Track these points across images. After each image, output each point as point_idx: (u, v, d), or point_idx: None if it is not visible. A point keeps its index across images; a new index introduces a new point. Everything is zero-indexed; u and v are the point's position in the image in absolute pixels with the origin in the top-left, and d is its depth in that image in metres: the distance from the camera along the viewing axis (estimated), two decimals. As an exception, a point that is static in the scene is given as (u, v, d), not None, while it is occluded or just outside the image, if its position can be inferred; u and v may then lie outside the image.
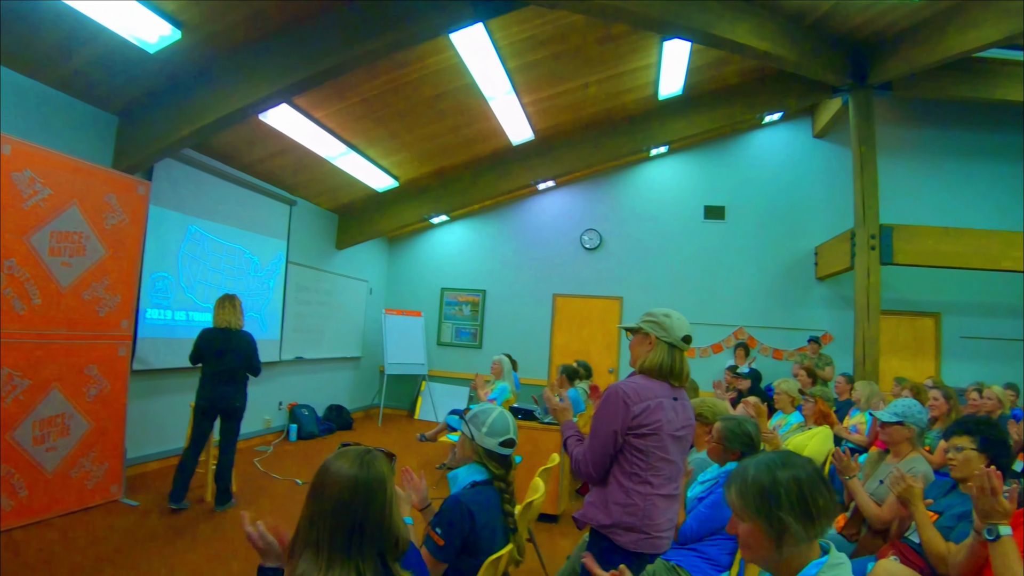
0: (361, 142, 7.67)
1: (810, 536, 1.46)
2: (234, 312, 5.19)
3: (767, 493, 1.48)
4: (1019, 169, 10.00)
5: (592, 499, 2.47)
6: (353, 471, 1.53)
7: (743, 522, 1.53)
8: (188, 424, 5.26)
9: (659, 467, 2.44)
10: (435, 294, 11.19)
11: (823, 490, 1.49)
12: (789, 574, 1.49)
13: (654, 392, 2.44)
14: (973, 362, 9.48)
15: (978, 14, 6.48)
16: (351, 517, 1.50)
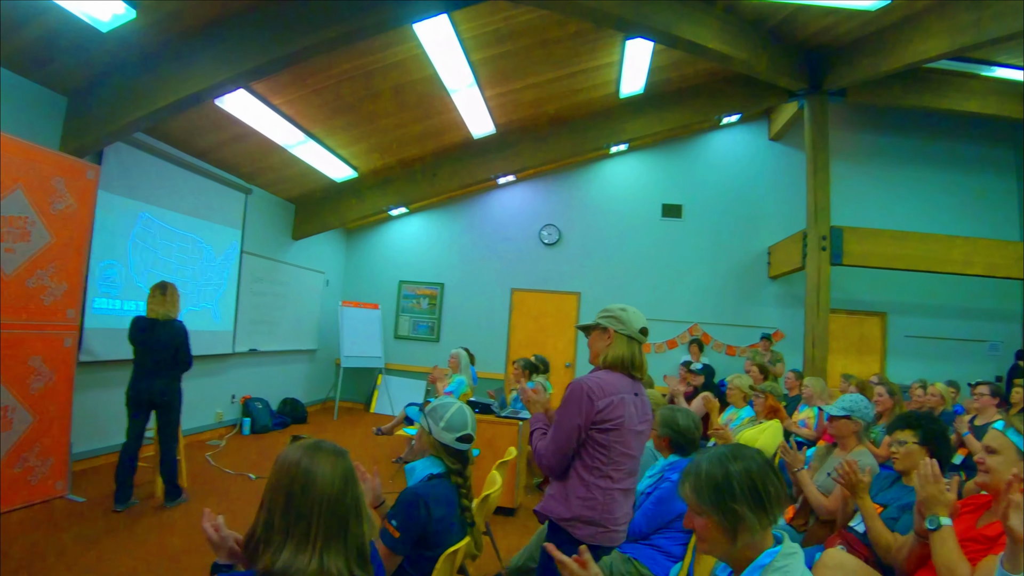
0: (320, 131, 7.55)
1: (763, 525, 1.50)
2: (164, 302, 4.94)
3: (720, 487, 1.52)
4: (963, 176, 10.49)
5: (553, 493, 2.49)
6: (338, 464, 1.55)
7: (699, 516, 1.56)
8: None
9: (620, 462, 2.47)
10: (393, 287, 11.10)
11: (773, 478, 1.54)
12: (745, 563, 1.53)
13: (617, 387, 2.46)
14: (917, 360, 9.87)
15: (929, 26, 6.72)
16: (344, 506, 1.51)
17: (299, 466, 1.51)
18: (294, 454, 1.54)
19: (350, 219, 9.93)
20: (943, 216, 10.10)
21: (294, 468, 1.51)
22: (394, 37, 5.94)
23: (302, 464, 1.52)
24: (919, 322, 10.21)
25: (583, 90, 8.27)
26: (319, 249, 10.30)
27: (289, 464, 1.52)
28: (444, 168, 9.31)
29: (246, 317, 8.32)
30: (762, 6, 6.87)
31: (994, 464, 2.22)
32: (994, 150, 10.63)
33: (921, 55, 6.92)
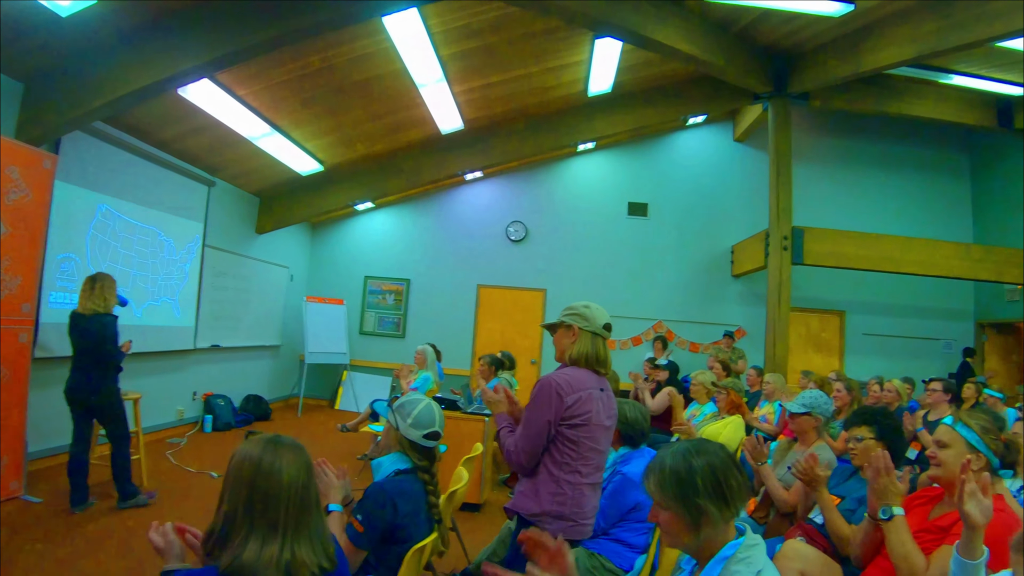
0: (286, 123, 7.44)
1: (726, 518, 1.54)
2: (91, 295, 4.67)
3: (684, 481, 1.55)
4: (920, 180, 10.85)
5: (523, 489, 2.50)
6: (299, 457, 1.57)
7: (663, 511, 1.59)
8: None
9: (588, 456, 2.50)
10: (358, 282, 11.00)
11: (735, 473, 1.57)
12: (709, 555, 1.57)
13: (584, 383, 2.49)
14: (874, 357, 10.19)
15: (890, 34, 6.94)
16: (308, 498, 1.53)
17: (262, 460, 1.51)
18: (254, 448, 1.54)
19: (315, 213, 9.83)
20: (900, 218, 10.47)
21: (256, 462, 1.51)
22: (363, 30, 5.89)
23: (265, 458, 1.52)
24: (876, 320, 10.54)
25: (552, 88, 8.30)
26: (283, 243, 10.15)
27: (250, 458, 1.52)
28: (411, 163, 9.25)
29: (208, 312, 8.16)
30: (729, 9, 6.97)
31: (945, 458, 2.31)
32: (949, 155, 11.04)
33: (882, 62, 7.13)
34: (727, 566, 1.52)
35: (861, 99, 8.99)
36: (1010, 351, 10.80)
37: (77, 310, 4.70)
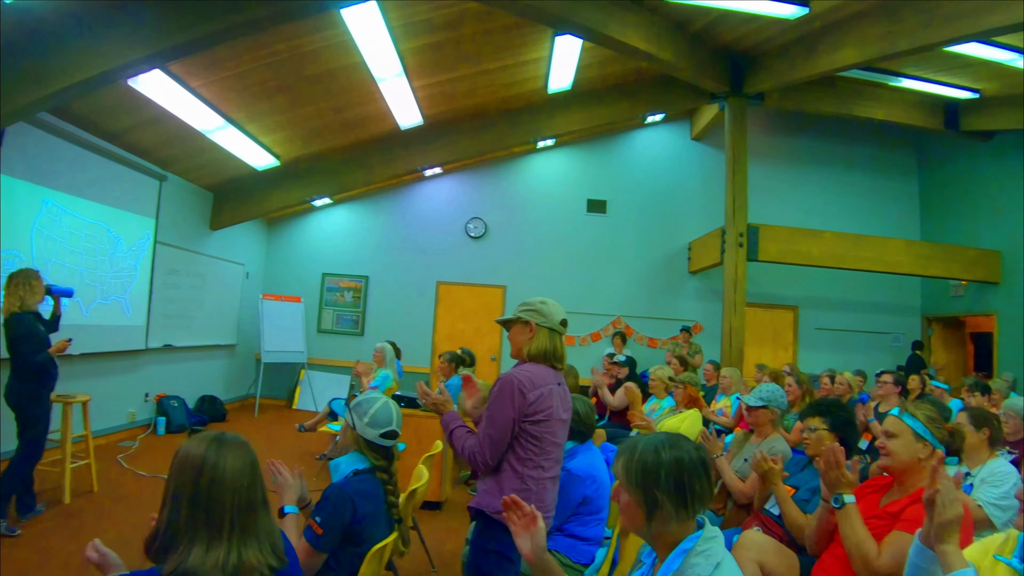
0: (241, 116, 7.27)
1: (680, 518, 1.55)
2: (6, 295, 4.45)
3: (648, 470, 1.56)
4: (871, 179, 11.20)
5: (486, 487, 2.49)
6: (245, 455, 1.52)
7: (624, 492, 1.61)
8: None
9: (550, 451, 2.51)
10: (316, 279, 10.84)
11: (702, 477, 1.57)
12: (668, 546, 1.58)
13: (545, 379, 2.50)
14: (826, 351, 10.49)
15: (843, 38, 7.14)
16: (254, 498, 1.49)
17: (205, 460, 1.47)
18: (197, 448, 1.49)
19: (271, 209, 9.64)
20: (851, 216, 10.79)
21: (199, 462, 1.46)
22: (321, 22, 5.80)
23: (208, 458, 1.47)
24: (828, 315, 10.86)
25: (511, 84, 8.30)
26: (239, 240, 9.93)
27: (193, 458, 1.47)
28: (370, 159, 9.15)
29: (160, 311, 7.95)
30: (687, 9, 7.06)
31: (894, 447, 2.39)
32: (898, 155, 11.44)
33: (835, 64, 7.34)
34: (687, 559, 1.53)
35: (815, 100, 9.22)
36: (955, 344, 11.20)
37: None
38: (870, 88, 9.22)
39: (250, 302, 10.15)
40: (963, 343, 11.31)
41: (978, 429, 3.22)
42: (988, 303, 9.94)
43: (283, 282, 10.79)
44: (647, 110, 9.73)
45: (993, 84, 8.47)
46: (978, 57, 7.25)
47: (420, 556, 4.08)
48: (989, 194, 10.08)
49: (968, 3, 5.94)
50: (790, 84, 8.21)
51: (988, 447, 3.23)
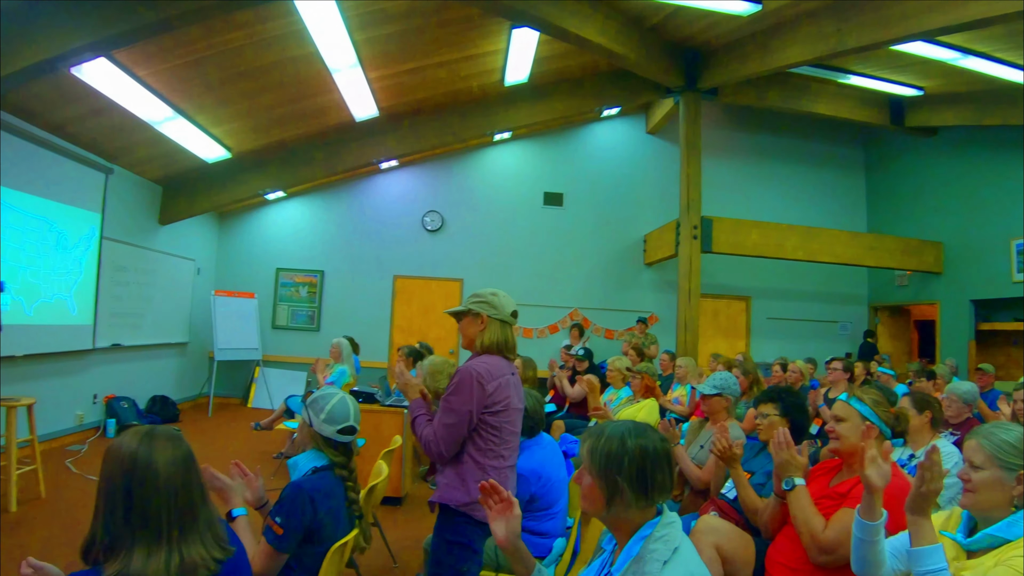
0: (190, 107, 7.08)
1: (639, 506, 1.58)
2: None
3: (612, 457, 1.59)
4: (820, 173, 11.55)
5: (447, 480, 2.48)
6: (177, 449, 1.47)
7: (586, 475, 1.63)
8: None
9: (509, 441, 2.54)
10: (270, 274, 10.63)
11: (664, 468, 1.61)
12: (627, 533, 1.61)
13: (501, 370, 2.52)
14: (778, 340, 10.78)
15: (794, 35, 7.32)
16: (191, 492, 1.45)
17: (137, 458, 1.41)
18: (128, 445, 1.43)
19: (223, 203, 9.41)
20: (801, 209, 11.12)
21: (131, 461, 1.41)
22: (274, 10, 5.67)
23: (140, 455, 1.41)
24: (780, 305, 11.17)
25: (468, 76, 8.27)
26: (189, 235, 9.68)
27: (125, 457, 1.41)
28: (324, 151, 9.02)
29: (108, 309, 7.70)
30: (643, 5, 7.14)
31: (842, 431, 2.53)
32: (846, 150, 11.82)
33: (786, 61, 7.52)
34: (646, 544, 1.56)
35: (766, 96, 9.44)
36: (900, 332, 11.61)
37: None
38: (820, 85, 9.47)
39: (202, 299, 9.91)
40: (908, 330, 11.74)
41: (920, 412, 3.35)
42: (931, 292, 10.34)
43: (236, 278, 10.56)
44: (603, 104, 9.81)
45: (936, 82, 8.78)
46: (922, 56, 7.48)
47: (382, 552, 4.06)
48: (932, 187, 10.48)
49: (913, 4, 6.14)
50: (743, 80, 8.38)
51: (930, 429, 3.36)
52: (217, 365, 9.60)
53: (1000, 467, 1.74)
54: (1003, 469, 1.74)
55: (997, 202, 9.25)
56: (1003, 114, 8.43)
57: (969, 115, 8.96)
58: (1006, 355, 9.28)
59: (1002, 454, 1.76)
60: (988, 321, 9.59)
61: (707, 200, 8.97)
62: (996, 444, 1.78)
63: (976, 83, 8.26)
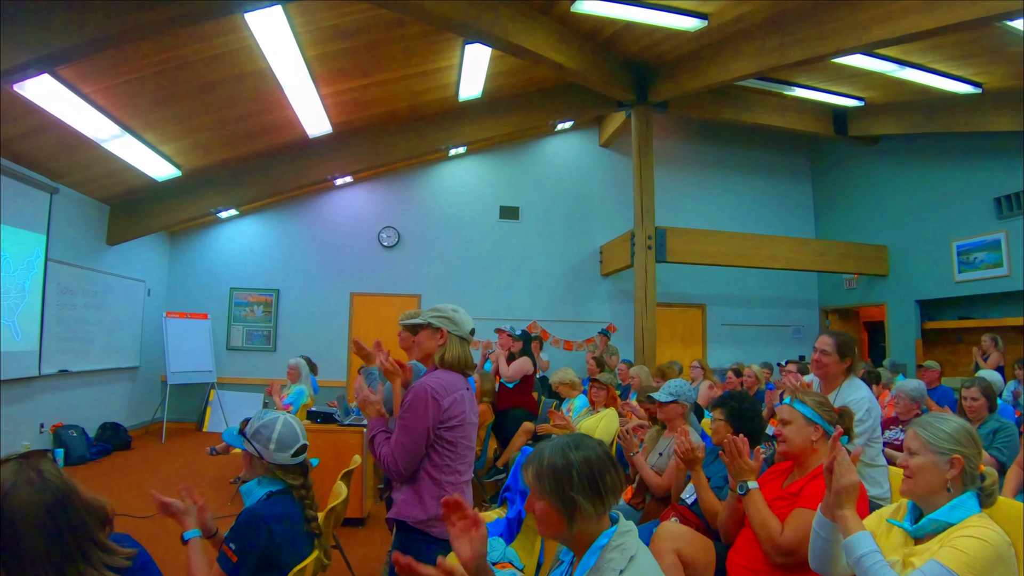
0: (138, 124, 6.93)
1: (598, 512, 1.60)
2: None
3: (560, 474, 1.59)
4: (769, 182, 11.90)
5: (404, 497, 2.45)
6: (41, 495, 1.39)
7: (539, 501, 1.62)
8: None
9: (465, 456, 2.53)
10: (223, 294, 10.42)
11: (611, 469, 1.63)
12: (584, 546, 1.62)
13: (456, 385, 2.52)
14: (733, 345, 11.00)
15: (739, 49, 7.54)
16: (61, 543, 1.37)
17: (6, 497, 1.34)
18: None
19: (173, 222, 9.22)
20: (752, 217, 11.42)
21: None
22: (224, 26, 5.61)
23: (10, 493, 1.35)
24: (734, 311, 11.42)
25: (422, 92, 8.27)
26: (139, 255, 9.44)
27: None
28: (277, 168, 8.90)
29: (54, 334, 7.45)
30: (594, 20, 7.25)
31: (789, 433, 2.59)
32: (793, 159, 12.20)
33: (732, 74, 7.74)
34: (602, 555, 1.57)
35: (715, 108, 9.68)
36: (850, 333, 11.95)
37: None
38: (766, 97, 9.76)
39: (153, 321, 9.66)
40: (858, 332, 12.09)
41: (842, 359, 3.39)
42: (879, 294, 10.71)
43: (188, 298, 10.31)
44: (556, 118, 9.92)
45: (877, 92, 9.12)
46: (862, 68, 7.79)
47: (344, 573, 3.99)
48: (876, 193, 10.86)
49: (853, 19, 6.39)
50: (692, 93, 8.57)
51: (845, 374, 3.38)
52: (170, 389, 9.36)
53: (934, 452, 1.86)
54: (937, 454, 1.85)
55: (938, 206, 9.68)
56: (940, 122, 8.85)
57: (908, 124, 9.35)
58: (951, 352, 9.63)
59: (936, 440, 1.87)
60: (933, 320, 9.94)
61: (660, 211, 9.12)
62: (931, 432, 1.89)
63: (914, 93, 8.62)
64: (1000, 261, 8.66)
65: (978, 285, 9.00)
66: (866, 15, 6.25)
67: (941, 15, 5.68)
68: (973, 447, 1.87)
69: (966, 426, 1.92)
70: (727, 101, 9.66)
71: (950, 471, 1.83)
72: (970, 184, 9.19)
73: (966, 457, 1.84)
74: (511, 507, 4.11)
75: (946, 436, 1.87)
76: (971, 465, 1.85)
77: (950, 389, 6.31)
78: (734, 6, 6.90)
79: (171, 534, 2.32)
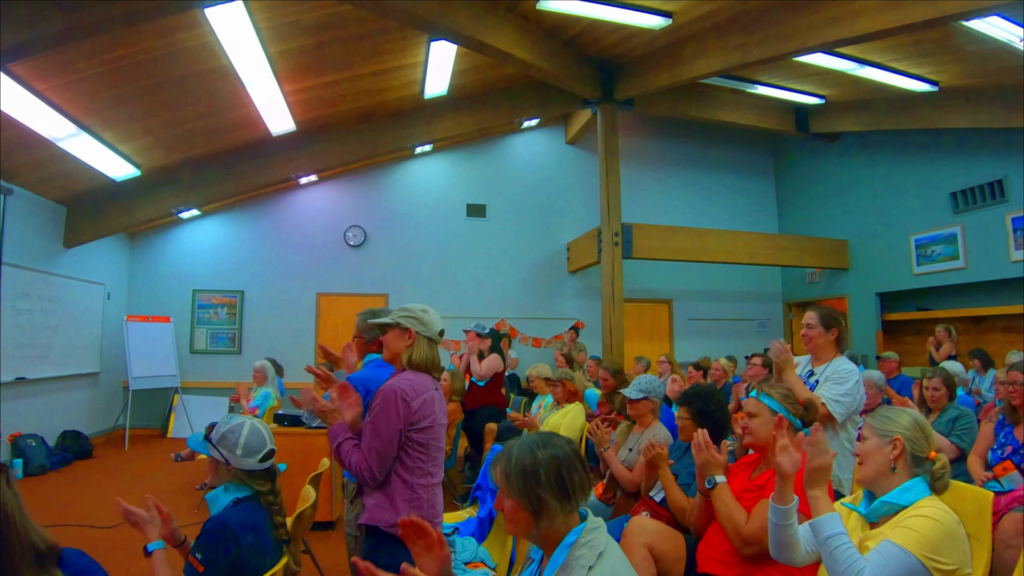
0: (95, 122, 6.75)
1: (566, 511, 1.60)
2: None
3: (528, 473, 1.60)
4: (733, 178, 12.10)
5: (376, 502, 2.42)
6: None
7: (507, 499, 1.63)
8: None
9: (436, 457, 2.51)
10: (186, 297, 10.22)
11: (579, 467, 1.64)
12: (553, 543, 1.63)
13: (424, 386, 2.48)
14: (699, 340, 11.18)
15: (703, 48, 7.64)
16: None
17: None
18: None
19: (133, 223, 9.00)
20: (717, 213, 11.62)
21: None
22: (184, 20, 5.48)
23: None
24: (700, 306, 11.61)
25: (387, 89, 8.21)
26: (97, 258, 9.19)
27: None
28: (240, 167, 8.75)
29: (10, 340, 7.20)
30: (560, 18, 7.27)
31: (755, 426, 2.65)
32: (757, 156, 12.44)
33: (696, 72, 7.83)
34: (571, 552, 1.58)
35: (679, 106, 9.79)
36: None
37: None
38: (730, 95, 9.89)
39: (113, 325, 9.43)
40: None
41: (827, 330, 3.47)
42: (840, 287, 10.97)
43: (150, 301, 10.08)
44: (523, 115, 9.93)
45: (837, 90, 9.31)
46: (823, 67, 7.93)
47: (315, 577, 3.94)
48: (837, 189, 11.11)
49: (813, 18, 6.51)
50: (657, 90, 8.65)
51: (835, 348, 3.44)
52: (132, 395, 9.14)
53: (878, 435, 2.00)
54: (881, 436, 2.00)
55: (896, 201, 9.94)
56: (898, 119, 9.08)
57: (868, 121, 9.58)
58: (909, 342, 9.89)
59: (881, 425, 2.02)
60: (893, 312, 10.19)
61: (627, 207, 9.20)
62: (877, 419, 2.04)
63: (873, 91, 8.81)
64: (956, 254, 8.92)
65: (935, 277, 9.26)
66: (826, 15, 6.38)
67: (899, 15, 5.82)
68: (917, 431, 1.98)
69: (912, 415, 2.04)
70: (692, 99, 9.77)
71: (892, 452, 1.95)
72: (927, 179, 9.45)
73: (908, 439, 1.95)
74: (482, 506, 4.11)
75: (890, 421, 2.01)
76: (916, 447, 1.96)
77: (909, 379, 6.49)
78: (698, 5, 6.98)
79: (136, 545, 2.27)
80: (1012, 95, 7.52)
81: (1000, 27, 6.03)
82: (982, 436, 3.86)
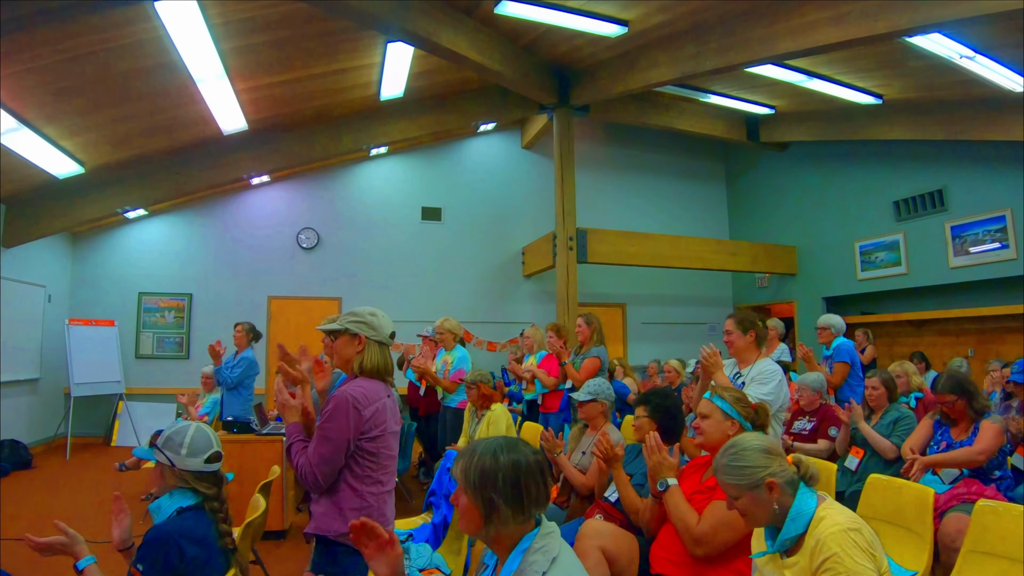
0: (37, 117, 6.49)
1: (517, 520, 1.60)
2: None
3: (486, 474, 1.60)
4: (686, 185, 12.38)
5: (323, 510, 2.38)
6: None
7: (463, 495, 1.63)
8: None
9: (387, 465, 2.48)
10: (131, 300, 9.89)
11: (538, 480, 1.63)
12: (507, 548, 1.63)
13: (377, 393, 2.45)
14: (652, 343, 11.36)
15: (657, 56, 7.77)
16: None
17: None
18: None
19: (76, 222, 8.69)
20: (669, 219, 11.86)
21: None
22: (130, 14, 5.31)
23: None
24: (653, 310, 11.82)
25: (343, 90, 8.12)
26: (38, 258, 8.84)
27: None
28: (189, 166, 8.52)
29: (-59, 341, 6.91)
30: (517, 23, 7.29)
31: (707, 427, 2.71)
32: (709, 164, 12.76)
33: (650, 80, 7.97)
34: (525, 557, 1.58)
35: (634, 113, 9.95)
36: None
37: None
38: (683, 103, 10.09)
39: (54, 329, 9.08)
40: (769, 330, 12.64)
41: (744, 333, 3.57)
42: (788, 292, 11.30)
43: (93, 305, 9.73)
44: (479, 119, 9.92)
45: (786, 101, 9.58)
46: (773, 78, 8.13)
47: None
48: (786, 197, 11.44)
49: (763, 31, 6.69)
50: (612, 97, 8.76)
51: (755, 348, 3.58)
52: (74, 402, 8.81)
53: (750, 489, 1.92)
54: (753, 489, 1.92)
55: (842, 208, 10.30)
56: (844, 130, 9.42)
57: (815, 131, 9.88)
58: (855, 347, 10.21)
59: (744, 478, 1.93)
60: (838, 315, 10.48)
61: (582, 212, 9.29)
62: (736, 474, 1.96)
63: (821, 103, 9.09)
64: (899, 260, 9.31)
65: (879, 283, 9.63)
66: (778, 28, 6.55)
67: (846, 30, 6.01)
68: (773, 459, 1.96)
69: (755, 444, 2.00)
70: (646, 106, 9.93)
71: (771, 494, 1.91)
72: (871, 188, 9.80)
73: (774, 474, 1.92)
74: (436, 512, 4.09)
75: (747, 468, 1.94)
76: (783, 475, 1.93)
77: (849, 342, 6.78)
78: (654, 15, 7.08)
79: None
80: (953, 109, 7.88)
81: (941, 44, 6.28)
82: (921, 429, 3.98)
